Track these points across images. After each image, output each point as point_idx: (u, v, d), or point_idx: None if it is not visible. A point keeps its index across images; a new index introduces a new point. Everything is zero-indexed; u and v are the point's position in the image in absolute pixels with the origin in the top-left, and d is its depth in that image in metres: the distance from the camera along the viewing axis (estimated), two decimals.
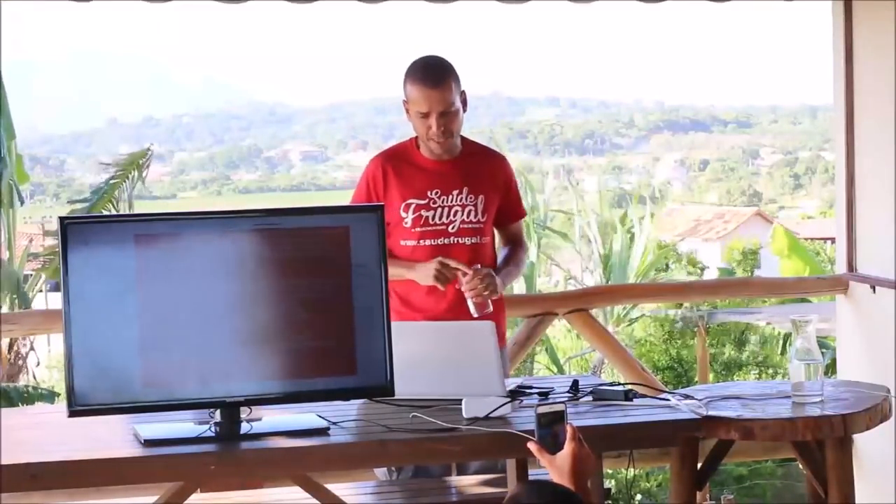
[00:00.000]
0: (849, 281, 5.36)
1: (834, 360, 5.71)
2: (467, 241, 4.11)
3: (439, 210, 4.10)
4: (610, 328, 12.35)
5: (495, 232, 4.29)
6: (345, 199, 4.49)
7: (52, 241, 11.72)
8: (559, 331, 16.72)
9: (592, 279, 17.68)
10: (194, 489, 3.42)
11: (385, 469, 3.98)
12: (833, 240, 6.59)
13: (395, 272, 4.07)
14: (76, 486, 3.40)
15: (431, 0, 4.91)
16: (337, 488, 3.65)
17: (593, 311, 5.49)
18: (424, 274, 4.01)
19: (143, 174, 11.50)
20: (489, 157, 4.23)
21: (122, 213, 10.87)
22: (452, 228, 4.10)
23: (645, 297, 8.70)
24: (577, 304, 5.37)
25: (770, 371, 14.20)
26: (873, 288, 5.18)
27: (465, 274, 3.95)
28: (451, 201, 4.11)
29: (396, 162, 4.14)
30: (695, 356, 14.35)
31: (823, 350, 3.88)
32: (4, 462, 3.05)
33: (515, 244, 4.29)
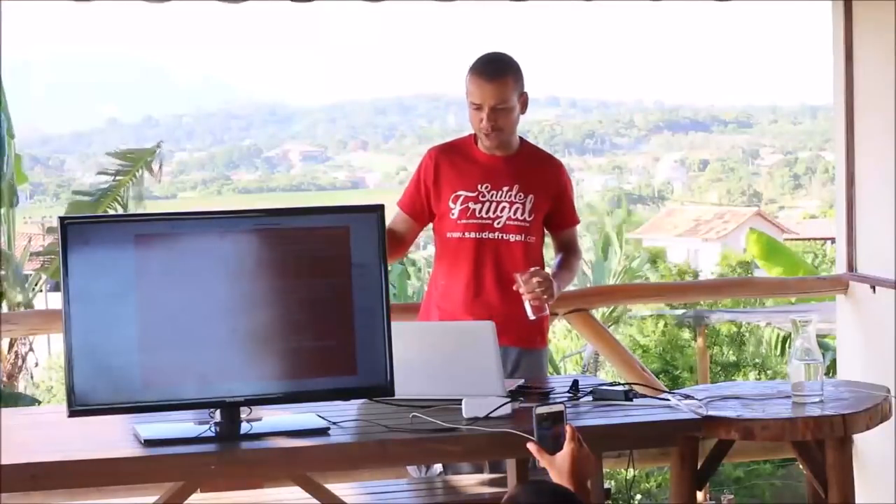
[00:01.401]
0: (849, 281, 5.36)
1: (834, 360, 5.70)
2: (513, 237, 4.09)
3: (487, 204, 4.10)
4: None
5: (548, 237, 4.28)
6: (345, 199, 4.51)
7: (52, 241, 11.70)
8: (558, 331, 16.72)
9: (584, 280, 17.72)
10: (194, 489, 3.41)
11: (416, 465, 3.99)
12: (833, 240, 6.59)
13: None
14: (76, 486, 3.39)
15: None
16: (337, 488, 3.65)
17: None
18: None
19: (155, 173, 11.44)
20: (544, 162, 4.22)
21: (121, 212, 10.86)
22: (498, 224, 4.09)
23: (645, 298, 8.64)
24: (577, 304, 5.36)
25: (769, 373, 14.20)
26: (873, 288, 5.17)
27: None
28: (500, 197, 4.10)
29: (451, 154, 4.17)
30: (687, 359, 14.36)
31: (823, 350, 3.88)
32: (4, 462, 3.04)
33: (568, 250, 4.27)
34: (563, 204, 4.22)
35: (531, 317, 3.90)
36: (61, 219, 3.20)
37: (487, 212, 4.10)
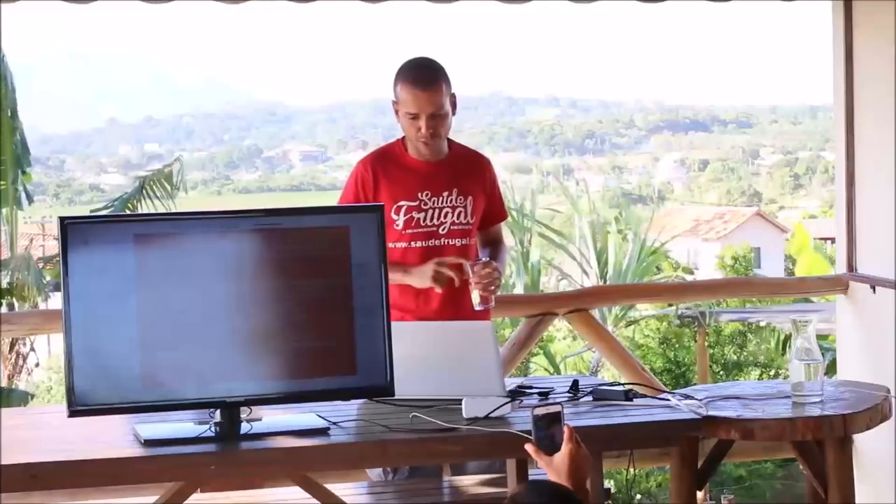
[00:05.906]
0: (849, 281, 5.36)
1: (834, 360, 5.71)
2: (457, 242, 4.09)
3: (430, 212, 4.08)
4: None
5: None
6: None
7: (55, 243, 11.70)
8: (558, 331, 16.71)
9: (590, 280, 17.69)
10: (194, 489, 3.42)
11: (380, 470, 3.96)
12: (833, 240, 6.60)
13: (392, 276, 4.06)
14: (76, 486, 3.40)
15: (432, 0, 4.91)
16: (337, 488, 3.65)
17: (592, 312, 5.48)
18: (420, 277, 4.00)
19: (176, 182, 11.53)
20: (475, 160, 4.22)
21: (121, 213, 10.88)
22: (443, 230, 4.08)
23: (644, 298, 8.69)
24: (577, 304, 5.37)
25: (772, 373, 14.20)
26: (873, 288, 5.18)
27: (461, 265, 3.94)
28: (441, 203, 4.09)
29: (385, 164, 4.10)
30: (693, 358, 14.36)
31: (823, 349, 3.88)
32: (4, 462, 3.05)
33: (497, 243, 4.27)
34: (493, 200, 4.24)
35: (477, 307, 3.89)
36: (61, 219, 3.20)
37: (431, 219, 4.07)
